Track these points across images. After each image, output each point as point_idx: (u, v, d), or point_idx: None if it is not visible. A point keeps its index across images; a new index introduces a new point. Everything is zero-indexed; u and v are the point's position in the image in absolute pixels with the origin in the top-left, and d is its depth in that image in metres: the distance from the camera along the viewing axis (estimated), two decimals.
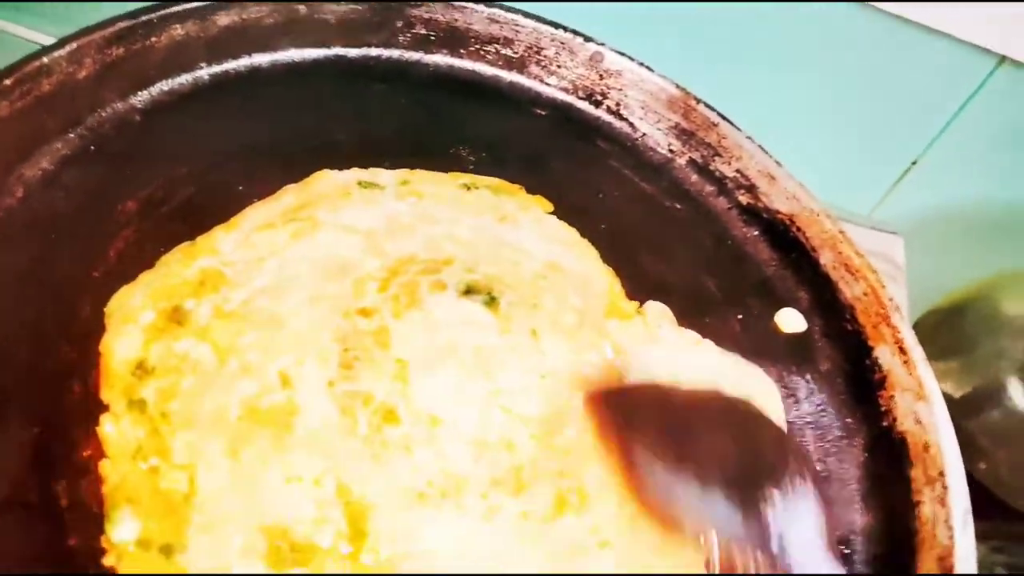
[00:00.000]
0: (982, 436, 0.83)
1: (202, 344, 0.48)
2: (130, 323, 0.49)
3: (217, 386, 0.47)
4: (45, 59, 0.54)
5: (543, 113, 0.69)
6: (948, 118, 0.85)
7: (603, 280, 0.58)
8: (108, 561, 0.42)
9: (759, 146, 0.66)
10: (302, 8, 0.64)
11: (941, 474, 0.51)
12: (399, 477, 0.46)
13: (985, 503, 0.85)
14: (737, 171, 0.66)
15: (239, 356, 0.48)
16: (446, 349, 0.50)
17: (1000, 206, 0.91)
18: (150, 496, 0.44)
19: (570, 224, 0.61)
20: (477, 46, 0.68)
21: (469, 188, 0.60)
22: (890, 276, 0.87)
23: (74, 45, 0.56)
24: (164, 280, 0.51)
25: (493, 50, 0.68)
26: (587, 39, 0.68)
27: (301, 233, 0.54)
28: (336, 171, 0.59)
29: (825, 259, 0.62)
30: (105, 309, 0.50)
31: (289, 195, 0.57)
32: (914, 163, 0.89)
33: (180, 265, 0.52)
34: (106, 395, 0.47)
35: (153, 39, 0.59)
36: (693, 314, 0.59)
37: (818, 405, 0.57)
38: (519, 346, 0.51)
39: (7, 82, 0.53)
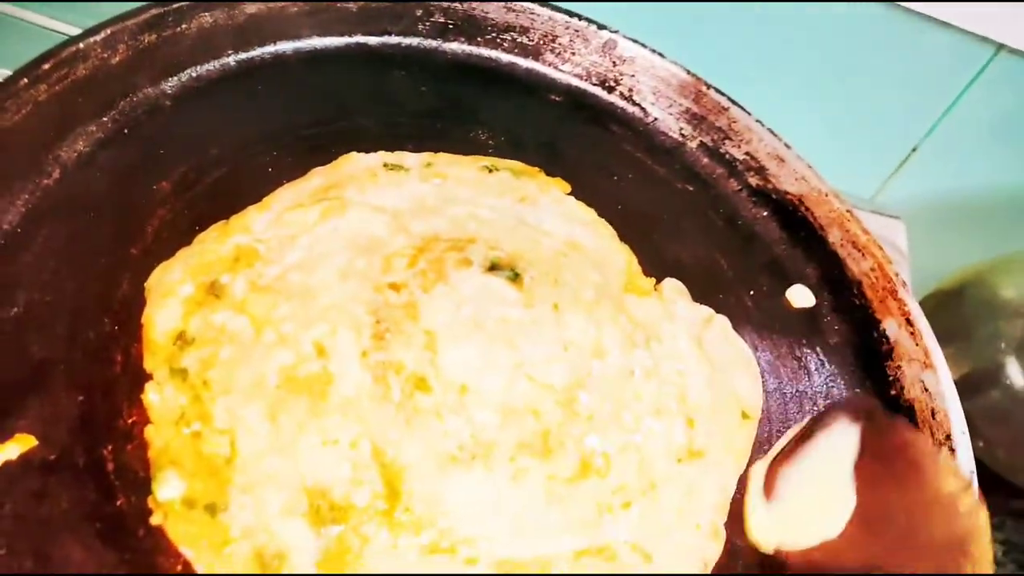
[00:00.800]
0: (980, 416, 0.85)
1: (239, 316, 0.50)
2: (170, 296, 0.51)
3: (255, 355, 0.49)
4: (81, 45, 0.56)
5: (558, 99, 0.71)
6: (947, 105, 0.87)
7: (621, 258, 0.60)
8: (155, 520, 0.44)
9: (768, 129, 0.68)
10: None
11: (948, 437, 0.53)
12: (431, 441, 0.48)
13: (983, 480, 0.87)
14: (747, 154, 0.68)
15: (275, 327, 0.50)
16: (472, 321, 0.52)
17: (998, 191, 0.93)
18: (193, 459, 0.46)
19: (586, 206, 0.63)
20: (494, 34, 0.70)
21: (490, 170, 0.62)
22: (893, 261, 0.89)
23: (108, 31, 0.57)
24: (201, 256, 0.53)
25: (509, 38, 0.70)
26: (600, 27, 0.70)
27: (331, 212, 0.56)
28: (363, 154, 0.61)
29: (833, 237, 0.64)
30: (145, 284, 0.52)
31: (318, 176, 0.59)
32: (914, 149, 0.91)
33: (216, 242, 0.54)
34: (149, 364, 0.49)
35: (183, 26, 0.61)
36: (707, 291, 0.61)
37: (828, 377, 0.59)
38: (541, 319, 0.53)
39: (45, 67, 0.55)
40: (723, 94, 0.69)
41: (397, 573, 0.44)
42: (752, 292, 0.62)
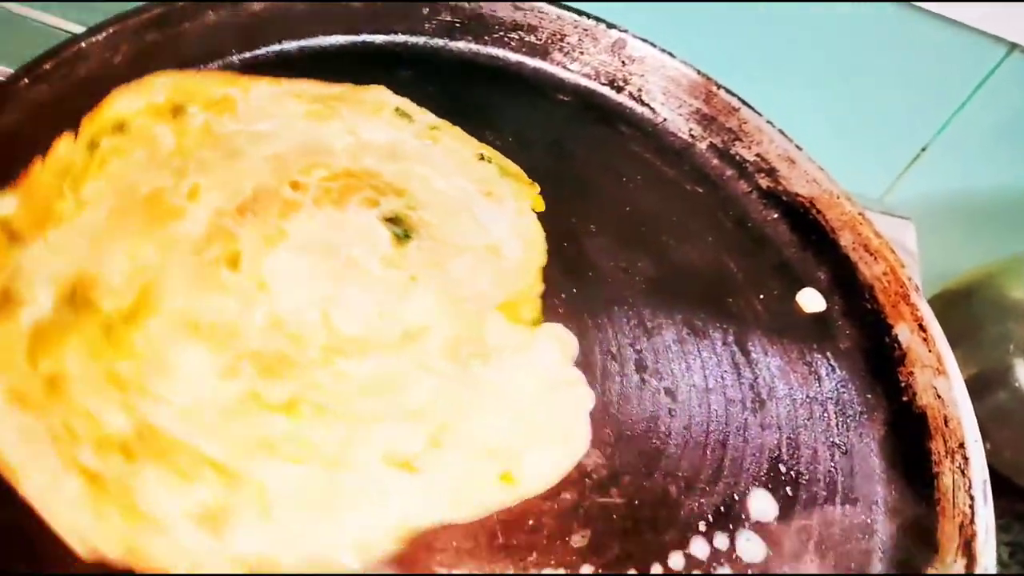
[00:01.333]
0: (987, 417, 0.84)
1: (171, 138, 0.55)
2: (144, 91, 0.55)
3: (151, 169, 0.53)
4: (83, 44, 0.56)
5: (566, 99, 0.70)
6: (957, 105, 0.87)
7: (526, 284, 0.57)
8: None
9: (779, 131, 0.67)
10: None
11: (961, 446, 0.52)
12: (198, 304, 0.49)
13: (990, 482, 0.87)
14: (757, 155, 0.68)
15: (185, 160, 0.54)
16: (327, 245, 0.53)
17: (1008, 192, 0.92)
18: (41, 201, 0.50)
19: (593, 208, 0.62)
20: (501, 33, 0.69)
21: (482, 159, 0.62)
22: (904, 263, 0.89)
23: (110, 31, 0.57)
24: (194, 83, 0.57)
25: (517, 37, 0.70)
26: (610, 26, 0.69)
27: (316, 115, 0.59)
28: (391, 92, 0.63)
29: (844, 240, 0.63)
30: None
31: (340, 88, 0.62)
32: (924, 149, 0.91)
33: (217, 82, 0.58)
34: (84, 125, 0.53)
35: (186, 25, 0.60)
36: (716, 295, 0.60)
37: (839, 382, 0.58)
38: (388, 281, 0.53)
39: (46, 66, 0.54)
40: (734, 95, 0.68)
41: None
42: (762, 296, 0.62)
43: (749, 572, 0.48)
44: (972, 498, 0.50)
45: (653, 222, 0.64)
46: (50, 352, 0.45)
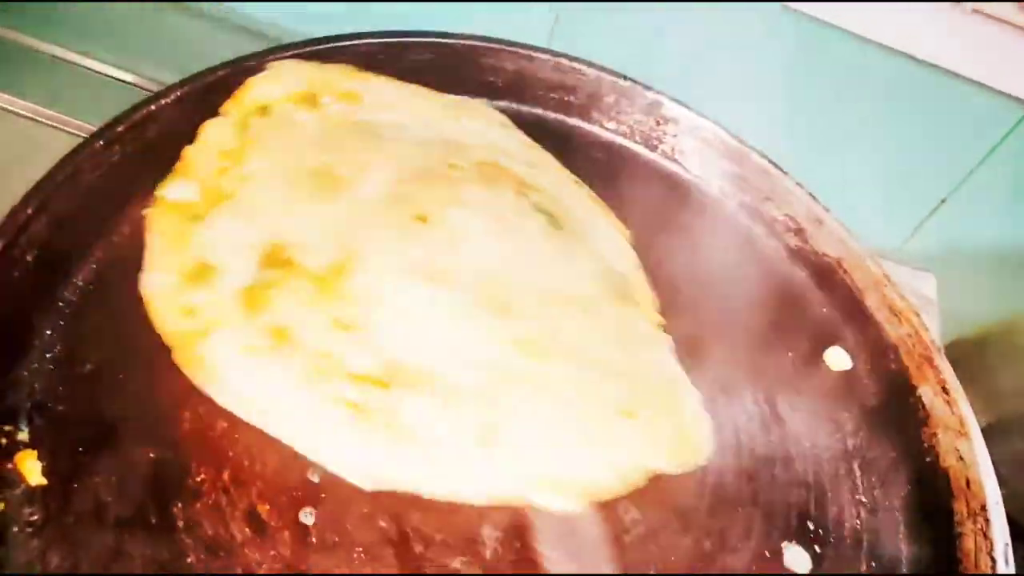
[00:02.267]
0: (1003, 465, 0.86)
1: (317, 121, 0.60)
2: (280, 80, 0.61)
3: (308, 148, 0.58)
4: (153, 107, 0.58)
5: (601, 156, 0.73)
6: (977, 160, 0.89)
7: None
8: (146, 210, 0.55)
9: (809, 193, 0.69)
10: (381, 57, 0.68)
11: (983, 508, 0.55)
12: (396, 257, 0.54)
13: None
14: (787, 215, 0.70)
15: (339, 140, 0.60)
16: (495, 210, 0.59)
17: None
18: (210, 181, 0.55)
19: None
20: (542, 92, 0.72)
21: (577, 183, 0.68)
22: (922, 311, 0.91)
23: (179, 93, 0.60)
24: (323, 75, 0.62)
25: (556, 97, 0.73)
26: (646, 87, 0.72)
27: (452, 112, 0.66)
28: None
29: (870, 301, 0.66)
30: (270, 65, 0.62)
31: (453, 97, 0.68)
32: (943, 201, 0.93)
33: (342, 75, 0.63)
34: (226, 107, 0.59)
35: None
36: (748, 350, 0.63)
37: (864, 439, 0.61)
38: (555, 249, 0.59)
39: (119, 129, 0.57)
40: (765, 156, 0.71)
41: None
42: (790, 353, 0.64)
43: None
44: (993, 560, 0.52)
45: (685, 277, 0.66)
46: (265, 308, 0.50)
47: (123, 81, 0.76)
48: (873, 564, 0.55)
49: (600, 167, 0.72)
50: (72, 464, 0.48)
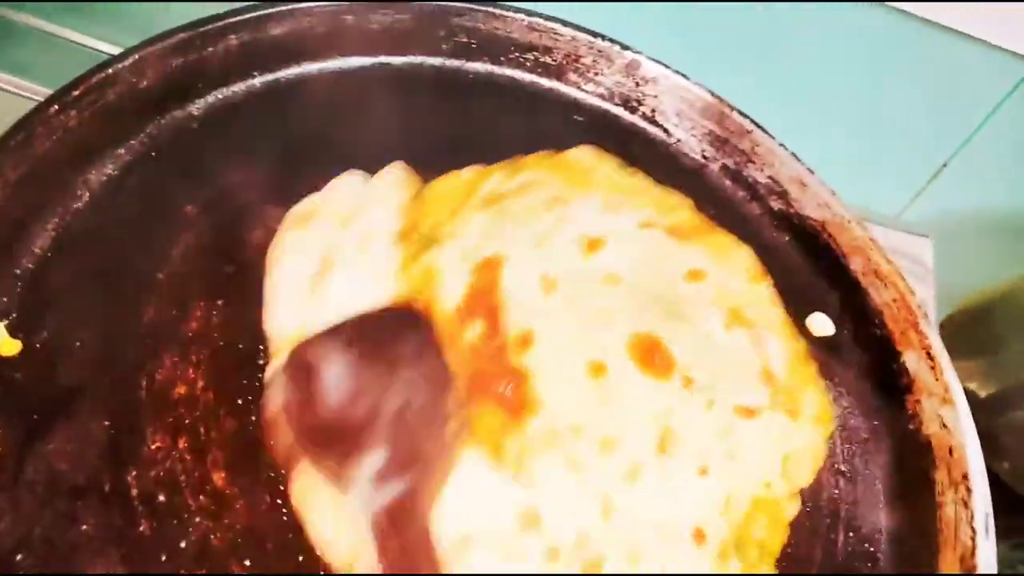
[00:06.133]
0: (1007, 435, 0.84)
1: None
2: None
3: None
4: (110, 70, 0.58)
5: (580, 119, 0.71)
6: (979, 122, 0.86)
7: None
8: None
9: (792, 153, 0.67)
10: (349, 18, 0.66)
11: (965, 477, 0.53)
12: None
13: (1008, 502, 0.86)
14: (770, 177, 0.68)
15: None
16: None
17: None
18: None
19: None
20: (517, 54, 0.70)
21: None
22: (919, 277, 0.88)
23: (136, 56, 0.59)
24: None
25: (532, 57, 0.71)
26: (624, 47, 0.70)
27: None
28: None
29: (855, 265, 0.63)
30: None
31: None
32: (945, 165, 0.90)
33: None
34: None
35: (210, 49, 0.62)
36: None
37: (846, 407, 0.59)
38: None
39: (75, 93, 0.56)
40: (746, 116, 0.69)
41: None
42: None
43: None
44: (974, 531, 0.51)
45: None
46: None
47: (89, 48, 0.75)
48: (851, 535, 0.53)
49: (579, 131, 0.70)
50: (26, 432, 0.47)
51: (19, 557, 0.43)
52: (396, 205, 0.56)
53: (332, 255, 0.54)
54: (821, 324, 0.62)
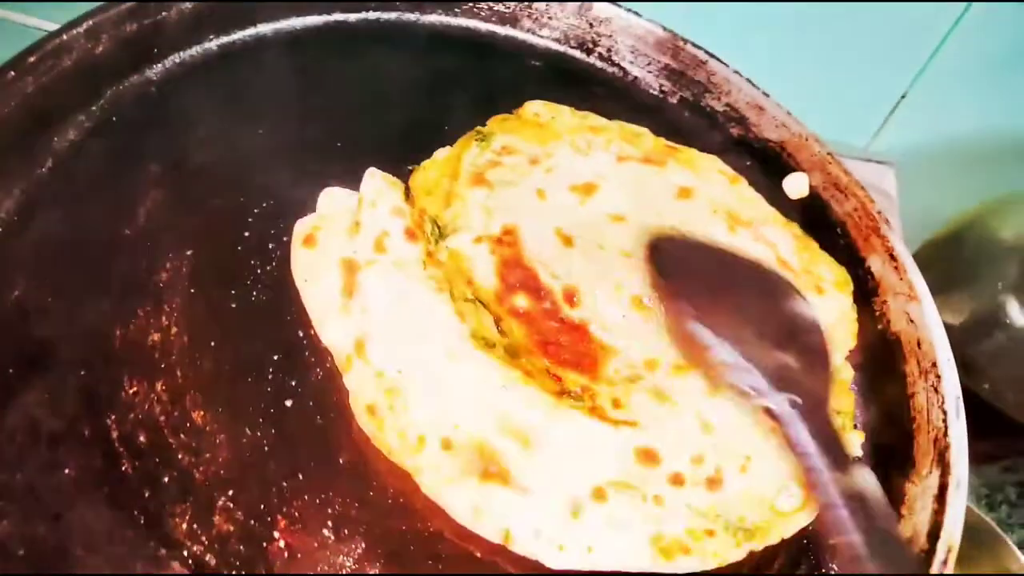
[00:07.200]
0: (984, 358, 0.85)
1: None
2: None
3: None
4: (64, 36, 0.58)
5: (537, 64, 0.72)
6: (931, 50, 0.87)
7: None
8: None
9: (747, 79, 0.68)
10: None
11: (933, 365, 0.54)
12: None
13: (993, 423, 0.87)
14: (727, 105, 0.69)
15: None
16: None
17: (988, 135, 0.93)
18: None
19: None
20: (470, 3, 0.71)
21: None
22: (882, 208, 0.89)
23: (90, 22, 0.59)
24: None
25: (486, 6, 0.71)
26: None
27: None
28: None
29: (815, 180, 0.65)
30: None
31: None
32: (903, 96, 0.91)
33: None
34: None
35: (164, 14, 0.62)
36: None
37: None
38: None
39: (31, 60, 0.56)
40: (700, 48, 0.70)
41: None
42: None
43: None
44: (945, 412, 0.52)
45: None
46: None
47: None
48: None
49: (537, 76, 0.71)
50: (2, 385, 0.47)
51: (1, 503, 0.44)
52: (391, 207, 0.57)
53: (353, 263, 0.55)
54: (796, 185, 0.65)
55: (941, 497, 0.49)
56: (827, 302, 0.56)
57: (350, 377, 0.51)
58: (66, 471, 0.45)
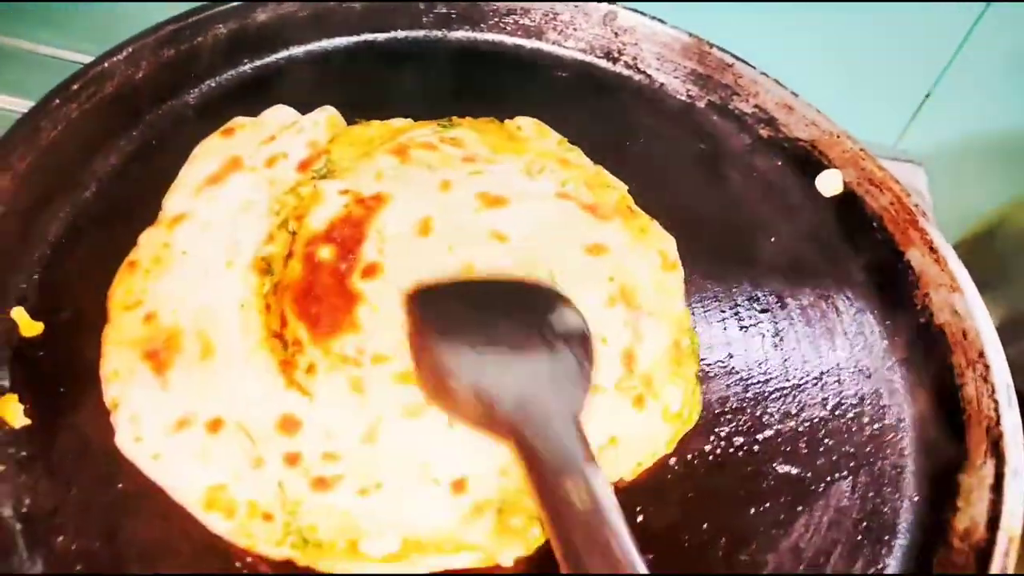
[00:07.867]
0: (1019, 360, 0.84)
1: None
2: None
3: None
4: (106, 64, 0.60)
5: (564, 75, 0.72)
6: (954, 49, 0.87)
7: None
8: None
9: (775, 80, 0.68)
10: (331, 1, 0.68)
11: (981, 354, 0.53)
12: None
13: None
14: (756, 107, 0.69)
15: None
16: None
17: (1015, 130, 0.92)
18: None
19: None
20: (496, 19, 0.72)
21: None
22: None
23: (130, 49, 0.61)
24: None
25: (512, 21, 0.72)
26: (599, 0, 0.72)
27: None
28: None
29: (849, 176, 0.64)
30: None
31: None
32: (928, 96, 0.91)
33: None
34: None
35: (199, 39, 0.64)
36: (728, 243, 0.62)
37: (856, 314, 0.59)
38: None
39: (74, 87, 0.58)
40: (725, 51, 0.70)
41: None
42: (773, 239, 0.63)
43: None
44: (996, 402, 0.51)
45: (663, 181, 0.64)
46: None
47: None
48: (876, 427, 0.53)
49: (565, 87, 0.72)
50: (54, 404, 0.48)
51: (57, 518, 0.44)
52: (312, 139, 0.60)
53: (238, 160, 0.58)
54: (830, 182, 0.65)
55: (998, 487, 0.48)
56: (634, 418, 0.51)
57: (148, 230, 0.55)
58: (120, 485, 0.46)
